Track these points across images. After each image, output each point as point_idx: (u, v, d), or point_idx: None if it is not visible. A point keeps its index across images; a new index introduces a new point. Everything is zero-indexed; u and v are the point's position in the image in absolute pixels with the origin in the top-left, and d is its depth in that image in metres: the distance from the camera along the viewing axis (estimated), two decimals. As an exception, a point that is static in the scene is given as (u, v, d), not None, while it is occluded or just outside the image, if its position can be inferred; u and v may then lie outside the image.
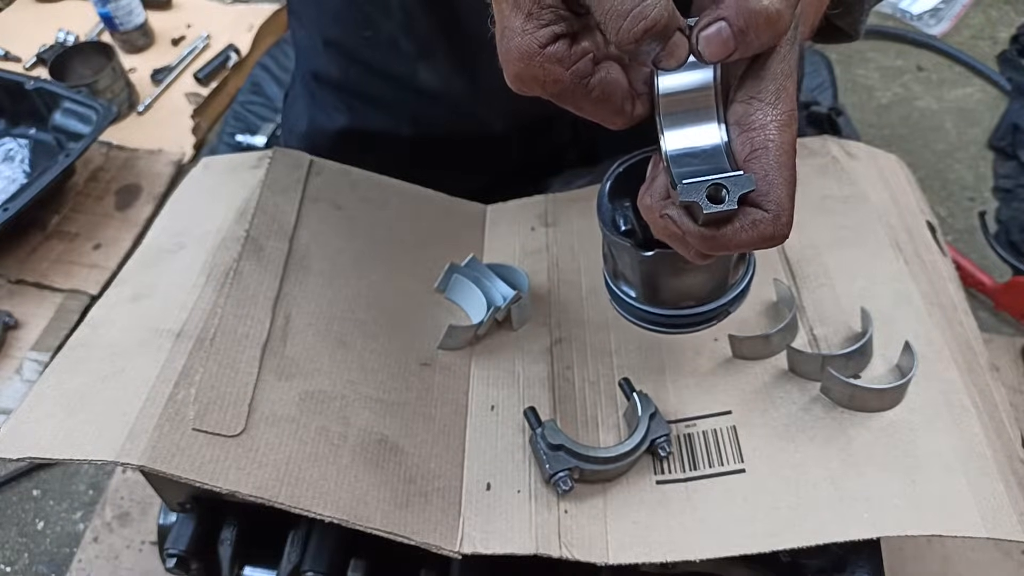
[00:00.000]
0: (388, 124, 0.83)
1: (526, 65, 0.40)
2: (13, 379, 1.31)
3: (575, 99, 0.42)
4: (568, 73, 0.41)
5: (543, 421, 0.57)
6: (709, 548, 0.51)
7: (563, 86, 0.41)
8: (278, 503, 0.50)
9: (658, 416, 0.56)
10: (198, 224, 0.67)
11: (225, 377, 0.56)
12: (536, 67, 0.40)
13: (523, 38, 0.40)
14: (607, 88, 0.42)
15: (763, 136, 0.39)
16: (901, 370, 0.57)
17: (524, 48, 0.40)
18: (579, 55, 0.41)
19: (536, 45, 0.40)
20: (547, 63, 0.40)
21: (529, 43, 0.40)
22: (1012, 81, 1.72)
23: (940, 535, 0.48)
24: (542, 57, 0.40)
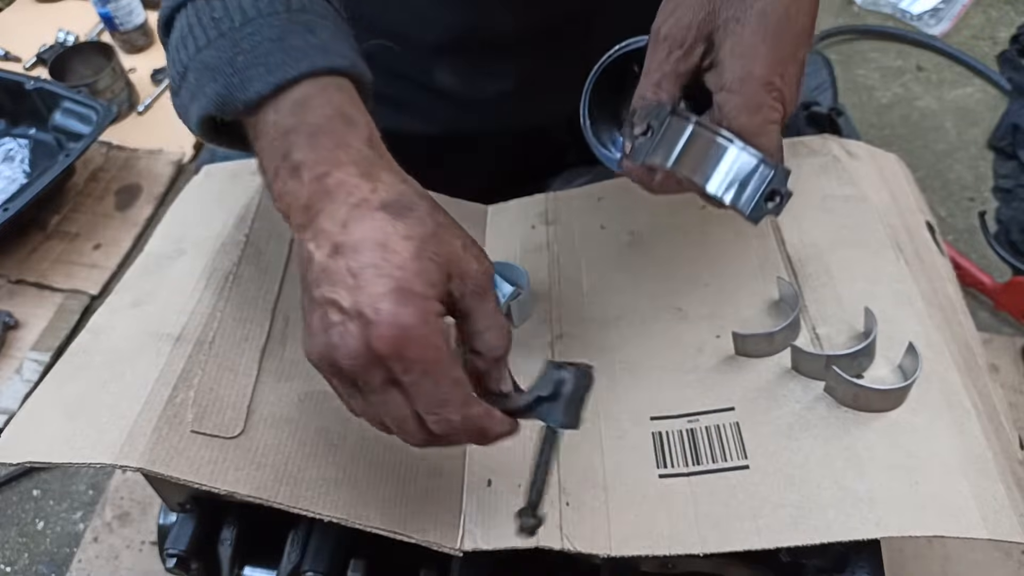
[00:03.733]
0: (400, 122, 0.83)
1: (423, 322, 0.42)
2: (13, 379, 1.31)
3: (437, 373, 0.43)
4: (446, 348, 0.43)
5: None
6: (712, 543, 0.51)
7: (439, 355, 0.42)
8: (277, 503, 0.50)
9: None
10: (198, 230, 0.67)
11: (224, 379, 0.56)
12: (429, 328, 0.42)
13: (423, 302, 0.42)
14: (464, 377, 0.44)
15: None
16: (903, 371, 0.57)
17: (423, 309, 0.42)
18: (448, 339, 0.44)
19: (434, 311, 0.42)
20: (436, 330, 0.42)
21: (428, 307, 0.42)
22: (1012, 81, 1.72)
23: (941, 536, 0.48)
24: (435, 323, 0.42)
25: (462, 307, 0.45)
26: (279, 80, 0.43)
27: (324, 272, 0.42)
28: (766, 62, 0.46)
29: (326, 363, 0.43)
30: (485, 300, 0.45)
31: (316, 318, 0.43)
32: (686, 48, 0.48)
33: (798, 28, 0.47)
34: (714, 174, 0.47)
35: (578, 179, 0.86)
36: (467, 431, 0.45)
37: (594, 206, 0.73)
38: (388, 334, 0.40)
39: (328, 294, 0.42)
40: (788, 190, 0.43)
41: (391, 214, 0.43)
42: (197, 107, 0.46)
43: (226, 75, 0.44)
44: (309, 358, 0.44)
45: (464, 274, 0.45)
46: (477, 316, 0.46)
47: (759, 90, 0.47)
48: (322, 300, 0.42)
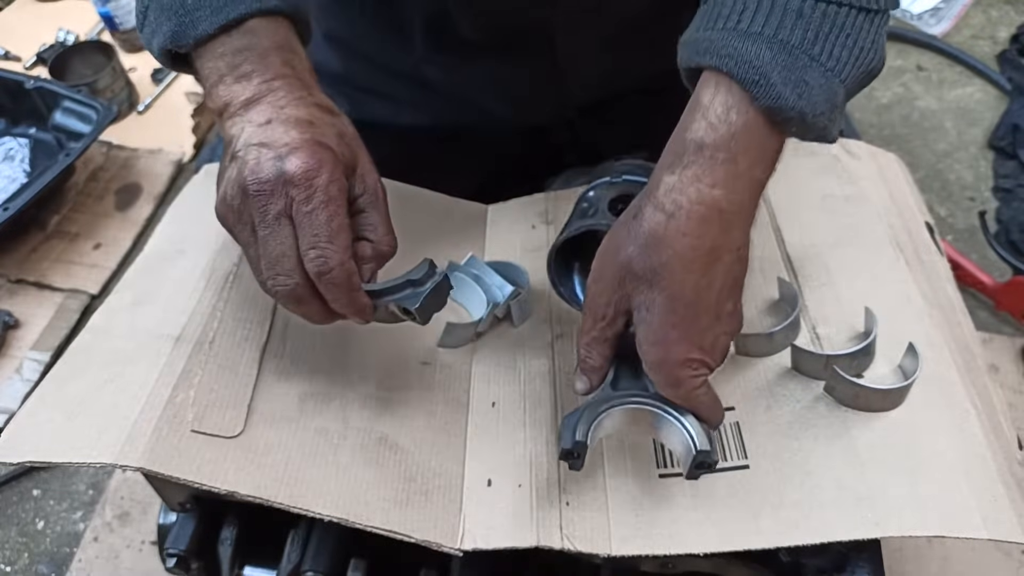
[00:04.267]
0: (389, 115, 0.83)
1: (333, 165, 0.49)
2: (13, 379, 1.31)
3: (331, 212, 0.49)
4: (341, 194, 0.50)
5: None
6: (712, 542, 0.51)
7: (338, 196, 0.50)
8: (277, 503, 0.50)
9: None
10: (198, 230, 0.67)
11: (224, 379, 0.56)
12: (336, 175, 0.50)
13: (336, 160, 0.50)
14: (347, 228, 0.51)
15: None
16: (903, 370, 0.57)
17: (334, 161, 0.50)
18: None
19: (341, 169, 0.50)
20: (339, 180, 0.50)
21: (337, 165, 0.50)
22: (1012, 81, 1.72)
23: (942, 536, 0.48)
24: (340, 175, 0.50)
25: (359, 204, 0.53)
26: (222, 20, 0.50)
27: (253, 133, 0.49)
28: (679, 347, 0.48)
29: (235, 192, 0.49)
30: (378, 205, 0.54)
31: (234, 166, 0.49)
32: (608, 320, 0.51)
33: (711, 300, 0.48)
34: (660, 437, 0.53)
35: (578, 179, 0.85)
36: (338, 279, 0.49)
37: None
38: (301, 162, 0.48)
39: (254, 142, 0.49)
40: (715, 459, 0.49)
41: (321, 110, 0.52)
42: (157, 41, 0.52)
43: (179, 16, 0.51)
44: (218, 207, 0.51)
45: (365, 176, 0.53)
46: (371, 213, 0.53)
47: (675, 370, 0.49)
48: (247, 150, 0.49)
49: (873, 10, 0.45)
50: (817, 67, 0.44)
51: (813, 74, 0.44)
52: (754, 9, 0.45)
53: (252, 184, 0.48)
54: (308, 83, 0.53)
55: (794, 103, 0.44)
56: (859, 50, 0.45)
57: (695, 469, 0.49)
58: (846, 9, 0.44)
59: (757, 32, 0.44)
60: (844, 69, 0.45)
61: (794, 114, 0.44)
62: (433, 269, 0.53)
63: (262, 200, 0.48)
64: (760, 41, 0.44)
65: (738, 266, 0.49)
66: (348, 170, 0.52)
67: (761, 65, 0.44)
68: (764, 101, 0.44)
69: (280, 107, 0.50)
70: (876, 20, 0.45)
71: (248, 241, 0.51)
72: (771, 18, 0.44)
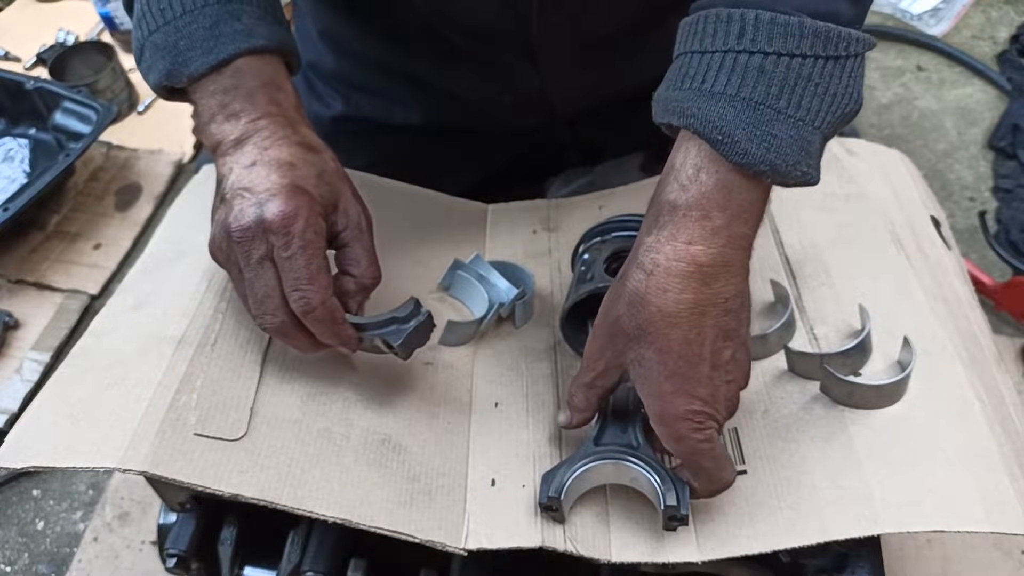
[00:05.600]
0: (384, 112, 0.83)
1: (308, 211, 0.51)
2: (13, 379, 1.31)
3: (309, 257, 0.51)
4: (320, 238, 0.52)
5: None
6: (710, 549, 0.51)
7: (315, 241, 0.52)
8: (281, 505, 0.50)
9: None
10: (199, 231, 0.67)
11: (227, 382, 0.56)
12: (312, 219, 0.52)
13: (313, 203, 0.52)
14: (327, 269, 0.53)
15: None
16: (902, 366, 0.57)
17: (311, 205, 0.52)
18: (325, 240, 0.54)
19: (318, 211, 0.53)
20: (316, 223, 0.52)
21: (315, 207, 0.52)
22: (1012, 81, 1.72)
23: (942, 530, 0.48)
24: (316, 219, 0.52)
25: (342, 238, 0.56)
26: (212, 61, 0.54)
27: (239, 177, 0.52)
28: (677, 399, 0.48)
29: (222, 236, 0.52)
30: (362, 237, 0.56)
31: (223, 209, 0.52)
32: (598, 372, 0.52)
33: (703, 351, 0.48)
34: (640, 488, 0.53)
35: (577, 179, 0.86)
36: (321, 316, 0.52)
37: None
38: (279, 210, 0.50)
39: (239, 187, 0.52)
40: (684, 513, 0.50)
41: (304, 148, 0.54)
42: (153, 77, 0.56)
43: (172, 56, 0.54)
44: (210, 245, 0.54)
45: (348, 210, 0.56)
46: (354, 247, 0.56)
47: (677, 424, 0.49)
48: (233, 194, 0.52)
49: (842, 56, 0.45)
50: (784, 119, 0.45)
51: (781, 127, 0.45)
52: (717, 69, 0.46)
53: (236, 231, 0.51)
54: (293, 120, 0.56)
55: (763, 157, 0.45)
56: (831, 97, 0.45)
57: (669, 521, 0.51)
58: (811, 60, 0.45)
59: (720, 92, 0.45)
60: (816, 117, 0.45)
61: (765, 167, 0.45)
62: (418, 308, 0.55)
63: (245, 245, 0.51)
64: (724, 100, 0.45)
65: (728, 317, 0.48)
66: (329, 208, 0.54)
67: (725, 124, 0.45)
68: (732, 158, 0.45)
69: (264, 148, 0.53)
70: (848, 65, 0.46)
71: (237, 279, 0.54)
72: (733, 77, 0.45)
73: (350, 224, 0.56)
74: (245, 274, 0.52)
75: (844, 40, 0.45)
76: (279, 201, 0.51)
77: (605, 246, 0.62)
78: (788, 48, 0.44)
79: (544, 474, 0.53)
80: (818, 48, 0.45)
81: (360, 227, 0.56)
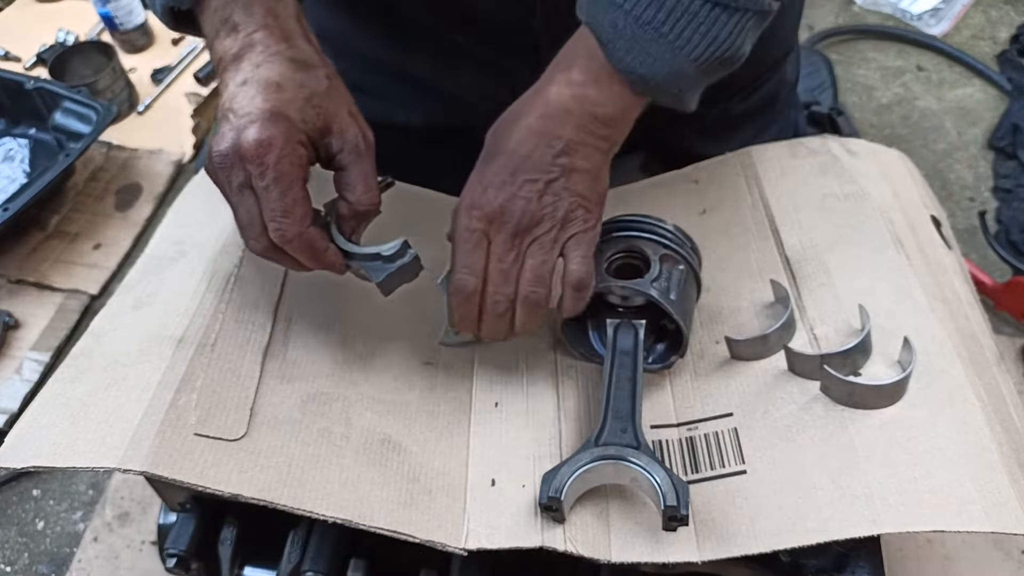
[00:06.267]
0: (383, 113, 0.83)
1: (285, 139, 0.51)
2: (13, 379, 1.31)
3: (286, 185, 0.51)
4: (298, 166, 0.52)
5: None
6: (710, 549, 0.51)
7: (291, 170, 0.51)
8: (281, 505, 0.50)
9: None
10: (199, 231, 0.67)
11: (227, 382, 0.56)
12: (289, 146, 0.51)
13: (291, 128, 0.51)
14: (307, 198, 0.53)
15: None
16: (902, 366, 0.57)
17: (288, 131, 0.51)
18: (306, 167, 0.53)
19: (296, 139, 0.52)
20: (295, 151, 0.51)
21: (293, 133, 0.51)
22: (1012, 81, 1.72)
23: (942, 530, 0.48)
24: (294, 146, 0.52)
25: (339, 161, 0.55)
26: None
27: (230, 95, 0.52)
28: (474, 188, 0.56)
29: (210, 159, 0.53)
30: (359, 160, 0.55)
31: (214, 129, 0.53)
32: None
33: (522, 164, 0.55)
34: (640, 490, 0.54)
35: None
36: (300, 247, 0.53)
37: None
38: (254, 138, 0.50)
39: (226, 107, 0.52)
40: (684, 513, 0.50)
41: (295, 66, 0.53)
42: (159, 2, 0.56)
43: None
44: (205, 166, 0.55)
45: (343, 132, 0.54)
46: (351, 171, 0.55)
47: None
48: (222, 114, 0.52)
49: (731, 7, 0.51)
50: (663, 42, 0.51)
51: (657, 48, 0.52)
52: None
53: (216, 157, 0.52)
54: (290, 32, 0.55)
55: (635, 68, 0.52)
56: (712, 38, 0.52)
57: (668, 521, 0.51)
58: (700, 1, 0.51)
59: (619, 5, 0.52)
60: (695, 51, 0.52)
61: (635, 77, 0.53)
62: (405, 249, 0.55)
63: (225, 172, 0.52)
64: (619, 12, 0.52)
65: (554, 163, 0.55)
66: (319, 132, 0.54)
67: (613, 32, 0.52)
68: (611, 61, 0.53)
69: (257, 65, 0.53)
70: (736, 16, 0.52)
71: (227, 202, 0.55)
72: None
73: (346, 146, 0.55)
74: (230, 199, 0.53)
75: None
76: (255, 128, 0.50)
77: (605, 246, 0.62)
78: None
79: (544, 474, 0.53)
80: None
81: (357, 149, 0.55)
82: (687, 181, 0.75)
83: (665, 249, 0.61)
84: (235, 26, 0.54)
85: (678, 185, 0.75)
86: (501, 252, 0.55)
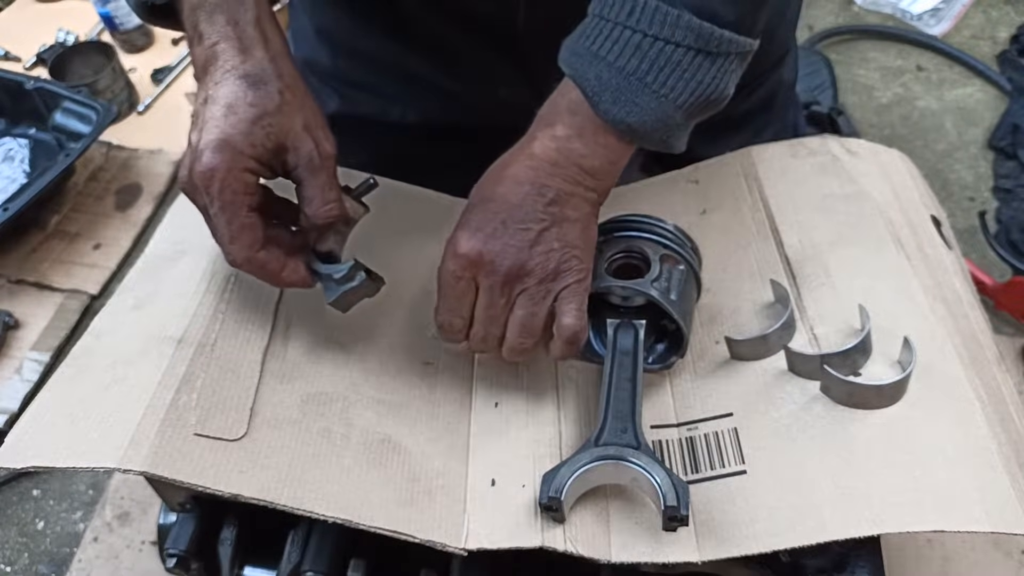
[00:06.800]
0: (381, 110, 0.83)
1: (227, 169, 0.51)
2: (13, 379, 1.31)
3: (231, 213, 0.52)
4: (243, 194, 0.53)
5: None
6: (710, 549, 0.51)
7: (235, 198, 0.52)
8: (281, 505, 0.50)
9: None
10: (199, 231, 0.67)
11: (227, 382, 0.56)
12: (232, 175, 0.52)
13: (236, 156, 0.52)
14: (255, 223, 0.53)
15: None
16: (902, 366, 0.57)
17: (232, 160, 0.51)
18: (255, 192, 0.53)
19: (242, 166, 0.52)
20: (239, 179, 0.52)
21: (238, 161, 0.52)
22: (1012, 81, 1.72)
23: (942, 530, 0.48)
24: (239, 174, 0.52)
25: (295, 176, 0.55)
26: None
27: (194, 116, 0.54)
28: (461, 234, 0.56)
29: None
30: (315, 174, 0.55)
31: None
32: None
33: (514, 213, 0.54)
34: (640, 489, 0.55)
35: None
36: (253, 270, 0.54)
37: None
38: (200, 170, 0.51)
39: (191, 132, 0.53)
40: (684, 514, 0.50)
41: (248, 83, 0.53)
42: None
43: None
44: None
45: (297, 148, 0.54)
46: (306, 186, 0.55)
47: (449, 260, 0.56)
48: (189, 136, 0.54)
49: (713, 53, 0.52)
50: (649, 92, 0.52)
51: (644, 97, 0.52)
52: (606, 37, 0.53)
53: (181, 183, 0.54)
54: (247, 43, 0.54)
55: (622, 118, 0.53)
56: (696, 83, 0.52)
57: (668, 522, 0.51)
58: (683, 50, 0.51)
59: (603, 56, 0.53)
60: (679, 97, 0.52)
61: (623, 127, 0.53)
62: (354, 272, 0.56)
63: (190, 197, 0.54)
64: (603, 64, 0.53)
65: (545, 212, 0.55)
66: (271, 151, 0.53)
67: (599, 84, 0.53)
68: (598, 112, 0.53)
69: (216, 83, 0.53)
70: (719, 61, 0.53)
71: None
72: (615, 47, 0.52)
73: (300, 162, 0.54)
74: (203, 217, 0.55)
75: (717, 39, 0.51)
76: (203, 159, 0.51)
77: (605, 246, 0.62)
78: (664, 35, 0.51)
79: (544, 474, 0.53)
80: (690, 41, 0.51)
81: (312, 164, 0.54)
82: (687, 181, 0.75)
83: (665, 249, 0.61)
84: (200, 35, 0.54)
85: (678, 185, 0.75)
86: (488, 300, 0.55)
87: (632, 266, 0.61)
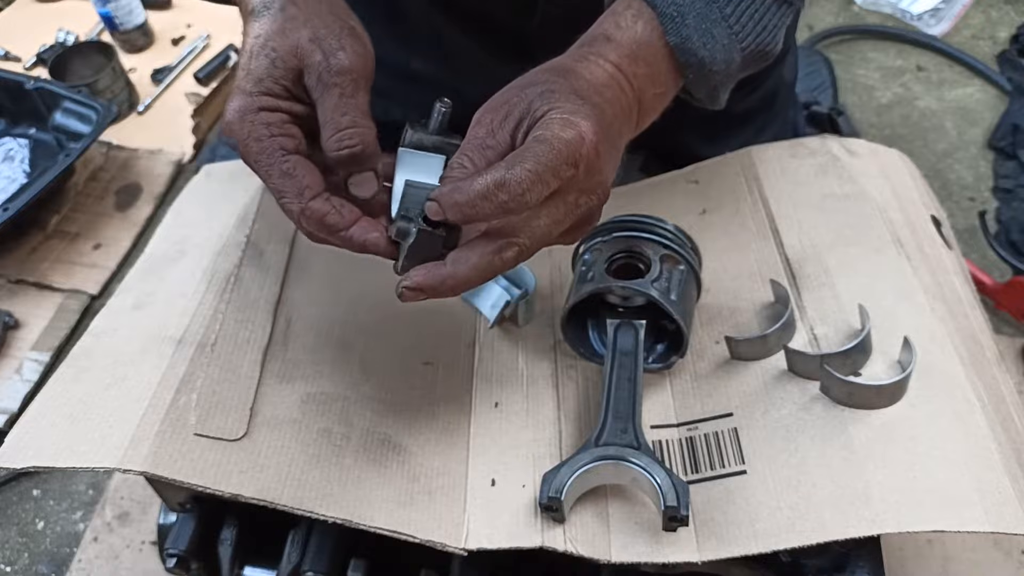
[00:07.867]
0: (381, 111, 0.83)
1: (239, 118, 0.46)
2: (13, 379, 1.31)
3: (267, 164, 0.46)
4: (269, 138, 0.46)
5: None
6: (710, 549, 0.51)
7: (261, 146, 0.46)
8: (281, 505, 0.51)
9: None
10: (199, 231, 0.67)
11: (227, 382, 0.56)
12: (247, 123, 0.46)
13: (245, 98, 0.46)
14: (298, 168, 0.46)
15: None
16: (902, 366, 0.57)
17: (243, 105, 0.46)
18: (286, 132, 0.47)
19: (255, 106, 0.46)
20: (257, 123, 0.46)
21: (249, 103, 0.46)
22: (1012, 81, 1.72)
23: (942, 530, 0.48)
24: (254, 116, 0.46)
25: (313, 98, 0.47)
26: None
27: (238, 63, 0.49)
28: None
29: None
30: (327, 93, 0.46)
31: None
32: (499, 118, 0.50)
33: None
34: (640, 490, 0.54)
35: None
36: (309, 221, 0.46)
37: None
38: (224, 124, 0.47)
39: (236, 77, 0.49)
40: (684, 514, 0.49)
41: (253, 18, 0.49)
42: None
43: None
44: None
45: (309, 65, 0.47)
46: (321, 110, 0.47)
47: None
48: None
49: (787, 1, 0.52)
50: (725, 26, 0.50)
51: (720, 30, 0.50)
52: None
53: (222, 133, 0.49)
54: None
55: (699, 49, 0.49)
56: (762, 28, 0.51)
57: (668, 522, 0.51)
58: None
59: None
60: (746, 38, 0.51)
61: (695, 59, 0.49)
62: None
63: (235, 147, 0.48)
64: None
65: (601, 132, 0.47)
66: (290, 80, 0.47)
67: (677, 8, 0.49)
68: (673, 38, 0.49)
69: (253, 33, 0.48)
70: (783, 10, 0.52)
71: None
72: None
73: (312, 80, 0.47)
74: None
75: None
76: (232, 107, 0.46)
77: (606, 246, 0.62)
78: None
79: (544, 474, 0.53)
80: None
81: (320, 81, 0.47)
82: (687, 181, 0.75)
83: (665, 249, 0.61)
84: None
85: (678, 185, 0.75)
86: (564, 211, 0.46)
87: (632, 266, 0.61)
